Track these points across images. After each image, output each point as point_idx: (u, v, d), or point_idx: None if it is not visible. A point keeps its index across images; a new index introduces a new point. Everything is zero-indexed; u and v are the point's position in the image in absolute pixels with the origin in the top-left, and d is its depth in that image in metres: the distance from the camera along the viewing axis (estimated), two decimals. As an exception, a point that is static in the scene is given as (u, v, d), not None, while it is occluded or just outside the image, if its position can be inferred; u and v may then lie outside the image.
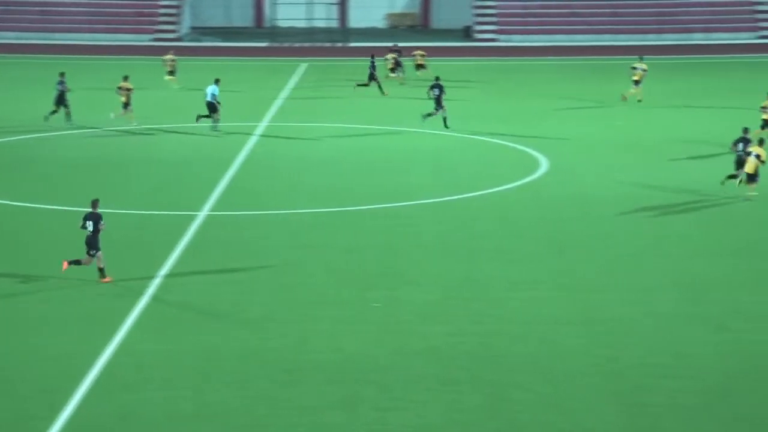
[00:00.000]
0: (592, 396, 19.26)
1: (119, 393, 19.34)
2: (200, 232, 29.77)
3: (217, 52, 71.11)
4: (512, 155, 40.11)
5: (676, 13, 78.19)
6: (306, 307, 23.74)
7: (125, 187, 35.40)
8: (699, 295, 24.47)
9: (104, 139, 43.41)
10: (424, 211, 32.05)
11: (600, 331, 22.37)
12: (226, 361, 20.78)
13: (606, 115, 48.22)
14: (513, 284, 25.30)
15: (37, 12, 79.16)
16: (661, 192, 34.00)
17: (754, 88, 54.82)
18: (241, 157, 39.66)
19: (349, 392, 19.36)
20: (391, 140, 43.12)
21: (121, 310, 23.44)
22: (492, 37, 77.94)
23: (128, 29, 78.40)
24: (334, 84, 58.82)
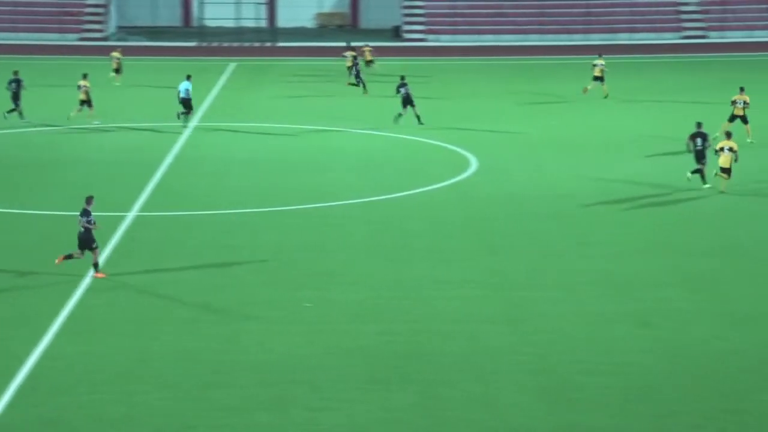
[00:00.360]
0: (520, 393, 19.41)
1: (46, 397, 19.13)
2: (129, 232, 29.53)
3: (144, 52, 70.49)
4: (442, 155, 40.27)
5: (602, 13, 79.01)
6: (235, 308, 23.66)
7: (53, 187, 35.00)
8: (625, 294, 24.75)
9: (31, 139, 42.89)
10: (353, 211, 32.07)
11: (528, 329, 22.56)
12: (154, 363, 20.65)
13: (536, 115, 48.55)
14: (442, 283, 25.42)
15: (-41, 11, 77.89)
16: (589, 191, 34.31)
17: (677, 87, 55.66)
18: (169, 157, 39.40)
19: (279, 392, 19.34)
20: (319, 140, 43.09)
21: (47, 312, 23.19)
22: (421, 37, 78.19)
23: (54, 29, 77.50)
24: (263, 84, 58.65)
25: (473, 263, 26.95)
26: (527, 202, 33.13)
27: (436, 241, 28.97)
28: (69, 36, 77.32)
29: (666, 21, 78.56)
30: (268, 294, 24.60)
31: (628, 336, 22.16)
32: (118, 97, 51.66)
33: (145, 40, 77.34)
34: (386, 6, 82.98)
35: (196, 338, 21.91)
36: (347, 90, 55.71)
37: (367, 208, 32.44)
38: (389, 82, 57.81)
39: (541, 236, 29.41)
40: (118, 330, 22.37)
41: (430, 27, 78.89)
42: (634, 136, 43.67)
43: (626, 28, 77.85)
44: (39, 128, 44.88)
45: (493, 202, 33.01)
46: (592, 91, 51.85)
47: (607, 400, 19.13)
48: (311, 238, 29.14)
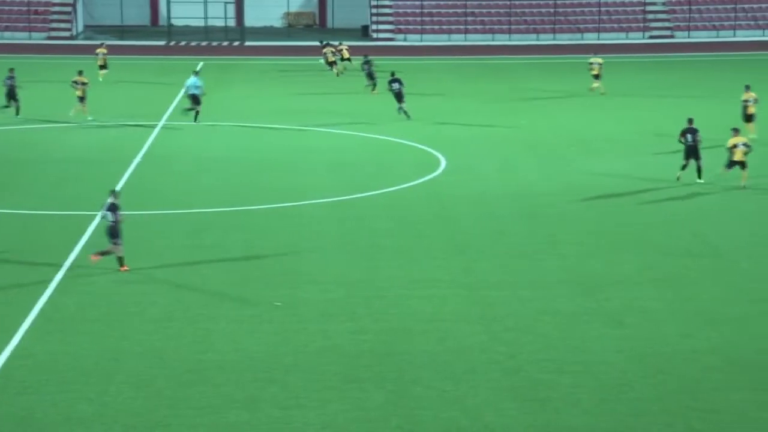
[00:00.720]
0: (491, 392, 19.44)
1: (16, 396, 19.00)
2: (99, 231, 29.34)
3: (112, 51, 70.04)
4: (411, 154, 40.28)
5: (570, 13, 79.30)
6: (206, 307, 23.57)
7: (22, 186, 34.76)
8: (595, 293, 24.82)
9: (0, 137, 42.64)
10: (323, 210, 32.02)
11: (499, 328, 22.59)
12: (126, 362, 20.54)
13: (505, 114, 48.64)
14: (414, 283, 25.41)
15: (-76, 9, 77.29)
16: (559, 190, 34.43)
17: (645, 86, 55.93)
18: (138, 156, 39.21)
19: (251, 391, 19.28)
20: (289, 139, 43.02)
21: (18, 310, 23.03)
22: (389, 36, 78.22)
23: (21, 27, 77.03)
24: (232, 83, 58.49)
25: (444, 262, 26.97)
26: (497, 201, 33.20)
27: (406, 240, 28.97)
28: (36, 35, 76.91)
29: (633, 21, 78.97)
30: (239, 293, 24.51)
31: (599, 335, 22.22)
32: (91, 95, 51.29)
33: (113, 40, 76.94)
34: (354, 5, 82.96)
35: (168, 337, 21.82)
36: (317, 89, 55.68)
37: (338, 207, 32.40)
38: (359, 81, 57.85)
39: (511, 235, 29.45)
40: (88, 329, 22.24)
41: (398, 26, 78.94)
42: (604, 134, 43.89)
43: (594, 28, 78.20)
44: (10, 126, 44.59)
45: (462, 201, 33.04)
46: (597, 88, 52.52)
47: (579, 399, 19.18)
48: (282, 237, 29.06)
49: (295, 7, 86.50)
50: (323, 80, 59.34)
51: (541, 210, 32.08)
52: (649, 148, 41.09)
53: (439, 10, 79.62)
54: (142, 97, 52.38)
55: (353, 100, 52.57)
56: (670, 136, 42.25)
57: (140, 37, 78.59)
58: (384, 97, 52.44)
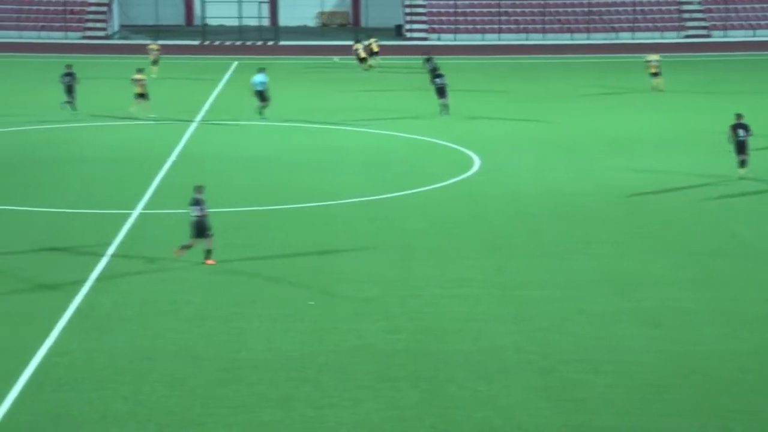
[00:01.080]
0: (525, 392, 19.36)
1: (52, 393, 19.10)
2: (133, 230, 29.50)
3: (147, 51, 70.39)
4: (444, 154, 40.24)
5: (604, 12, 78.97)
6: (240, 306, 23.62)
7: (58, 184, 34.97)
8: (630, 293, 24.69)
9: (37, 136, 42.88)
10: (356, 210, 32.03)
11: (532, 327, 22.51)
12: (160, 361, 20.60)
13: (538, 114, 48.51)
14: (447, 282, 25.36)
15: (-37, 9, 77.95)
16: (593, 190, 34.31)
17: (680, 86, 55.59)
18: (173, 155, 39.38)
19: (285, 390, 19.29)
20: (321, 138, 43.08)
21: (54, 308, 23.17)
22: (423, 35, 78.17)
23: (57, 27, 77.53)
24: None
25: (477, 262, 26.90)
26: (531, 200, 33.10)
27: (440, 239, 28.93)
28: (72, 35, 77.38)
29: (668, 20, 78.54)
30: (273, 292, 24.55)
31: (634, 335, 22.10)
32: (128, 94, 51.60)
33: (148, 39, 77.29)
34: (388, 5, 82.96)
35: (202, 336, 21.87)
36: (350, 88, 55.73)
37: (372, 207, 32.40)
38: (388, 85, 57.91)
39: (545, 235, 29.36)
40: (124, 327, 22.34)
41: (432, 26, 78.87)
42: (638, 133, 43.69)
43: (628, 27, 77.85)
44: (41, 126, 44.87)
45: (496, 201, 32.97)
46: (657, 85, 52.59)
47: (613, 399, 19.08)
48: (316, 236, 29.08)
49: (329, 6, 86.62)
50: (356, 79, 59.40)
51: (574, 209, 31.96)
52: (684, 147, 40.87)
53: (473, 9, 79.49)
54: (177, 96, 52.60)
55: (387, 99, 52.57)
56: (705, 134, 42.08)
57: (175, 37, 78.90)
58: (419, 94, 52.45)
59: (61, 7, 78.58)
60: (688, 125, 45.47)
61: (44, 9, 78.77)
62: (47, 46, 72.73)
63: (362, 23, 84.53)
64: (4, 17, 77.81)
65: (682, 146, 41.14)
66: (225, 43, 77.00)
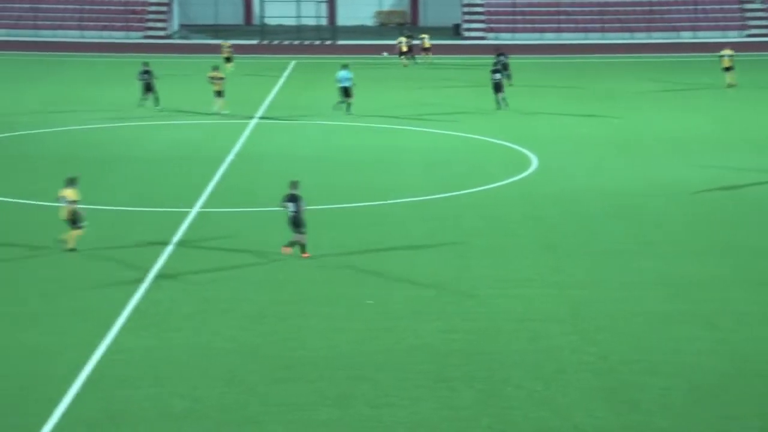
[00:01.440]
0: (582, 393, 19.28)
1: (111, 390, 19.29)
2: (192, 228, 29.75)
3: (206, 50, 70.96)
4: (502, 153, 40.15)
5: (665, 12, 78.33)
6: (298, 304, 23.73)
7: (117, 183, 35.32)
8: (688, 294, 24.50)
9: (95, 135, 43.35)
10: (413, 209, 32.06)
11: (590, 328, 22.40)
12: (218, 358, 20.75)
13: (597, 113, 48.24)
14: (503, 282, 25.31)
15: (27, 9, 79.01)
16: (651, 190, 34.07)
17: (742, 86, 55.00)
18: (231, 154, 39.64)
19: (342, 389, 19.36)
20: (380, 138, 43.15)
21: (113, 306, 23.41)
22: (481, 35, 77.99)
23: (119, 27, 78.31)
24: (323, 81, 58.78)
25: (534, 262, 26.82)
26: (588, 200, 32.94)
27: (497, 239, 28.87)
28: (133, 34, 78.12)
29: (730, 19, 77.76)
30: (330, 291, 24.64)
31: (691, 336, 21.93)
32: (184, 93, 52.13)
33: (208, 38, 77.87)
34: (446, 4, 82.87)
35: (260, 334, 22.00)
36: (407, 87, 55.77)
37: (429, 206, 32.41)
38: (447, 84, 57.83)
39: (602, 235, 29.21)
40: (182, 325, 22.52)
41: (490, 25, 78.67)
42: (698, 133, 43.34)
43: (690, 26, 77.17)
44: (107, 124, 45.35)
45: (553, 201, 32.84)
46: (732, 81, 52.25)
47: (671, 401, 18.94)
48: (373, 235, 29.14)
49: (387, 5, 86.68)
50: (414, 77, 59.40)
51: (632, 209, 31.76)
52: (745, 147, 40.49)
53: (532, 8, 79.18)
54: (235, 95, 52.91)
55: (445, 97, 52.52)
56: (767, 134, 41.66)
57: (234, 36, 79.29)
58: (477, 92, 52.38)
59: (122, 7, 79.35)
60: (749, 125, 45.00)
61: (106, 9, 79.59)
62: (109, 46, 73.48)
63: (420, 22, 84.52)
64: (66, 17, 78.75)
65: (743, 146, 40.73)
66: (283, 43, 77.33)
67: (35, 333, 21.96)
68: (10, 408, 18.52)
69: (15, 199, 32.93)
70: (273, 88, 56.35)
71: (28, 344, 21.36)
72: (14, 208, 32.08)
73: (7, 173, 36.67)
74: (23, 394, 19.04)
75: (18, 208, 32.07)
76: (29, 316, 22.90)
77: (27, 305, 23.61)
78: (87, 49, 71.73)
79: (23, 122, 45.73)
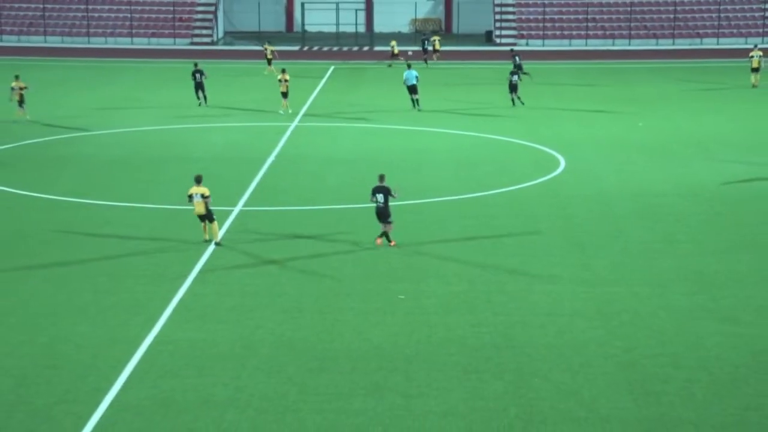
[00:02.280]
0: (607, 385, 19.19)
1: (158, 379, 19.40)
2: (235, 226, 29.84)
3: (249, 56, 71.23)
4: (531, 154, 40.02)
5: (689, 19, 77.85)
6: (334, 299, 23.76)
7: (163, 182, 35.49)
8: (711, 290, 24.34)
9: (141, 137, 43.59)
10: (445, 208, 32.01)
11: (615, 323, 22.30)
12: (259, 349, 20.81)
13: (623, 116, 48.02)
14: (532, 278, 25.23)
15: (80, 18, 79.57)
16: (676, 190, 33.88)
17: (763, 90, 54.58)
18: (272, 155, 39.74)
19: (375, 379, 19.36)
20: (413, 139, 43.11)
21: (160, 299, 23.54)
22: (512, 41, 77.80)
23: (167, 34, 78.72)
24: (361, 86, 58.83)
25: (562, 259, 26.72)
26: (614, 200, 32.78)
27: (526, 237, 28.78)
28: (180, 41, 78.50)
29: (752, 26, 77.16)
30: (365, 286, 24.65)
31: (714, 331, 21.78)
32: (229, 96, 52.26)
33: (251, 45, 78.12)
34: (479, 12, 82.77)
35: (298, 327, 22.04)
36: (440, 91, 55.70)
37: (460, 205, 32.35)
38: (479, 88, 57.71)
39: (628, 234, 29.05)
40: (224, 317, 22.60)
41: (521, 32, 78.46)
42: (721, 136, 43.02)
43: (713, 33, 76.66)
44: (158, 126, 45.60)
45: (581, 201, 32.70)
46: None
47: (693, 393, 18.83)
48: (406, 233, 29.11)
49: (422, 13, 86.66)
50: (446, 82, 59.33)
51: (658, 209, 31.58)
52: (765, 148, 40.13)
53: (561, 16, 78.92)
54: (277, 98, 53.05)
55: (476, 101, 52.43)
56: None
57: (276, 42, 79.59)
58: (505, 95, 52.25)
59: (170, 15, 79.74)
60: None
61: (155, 17, 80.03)
62: (157, 52, 73.86)
63: (454, 29, 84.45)
64: (117, 24, 79.24)
65: (765, 147, 40.39)
66: (322, 49, 77.45)
67: (86, 326, 22.10)
68: (63, 396, 18.66)
69: (69, 197, 33.15)
70: (313, 92, 56.44)
71: (80, 336, 21.50)
72: (69, 206, 32.28)
73: (62, 173, 36.92)
74: (75, 383, 19.17)
75: (73, 206, 32.27)
76: (81, 310, 23.05)
77: (80, 298, 23.76)
78: (136, 56, 72.12)
79: (81, 124, 46.00)
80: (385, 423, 17.71)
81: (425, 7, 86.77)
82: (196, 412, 18.12)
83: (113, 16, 79.98)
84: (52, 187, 34.51)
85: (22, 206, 32.03)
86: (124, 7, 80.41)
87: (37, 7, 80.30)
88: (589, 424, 17.68)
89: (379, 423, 17.71)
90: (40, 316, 22.54)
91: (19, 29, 79.32)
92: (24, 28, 79.39)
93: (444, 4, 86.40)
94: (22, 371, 19.64)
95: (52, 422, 17.68)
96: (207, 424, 17.64)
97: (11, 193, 33.66)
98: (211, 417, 17.91)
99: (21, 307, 23.15)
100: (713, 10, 77.97)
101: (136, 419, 17.81)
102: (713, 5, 78.65)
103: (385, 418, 17.94)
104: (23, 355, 20.43)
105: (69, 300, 23.65)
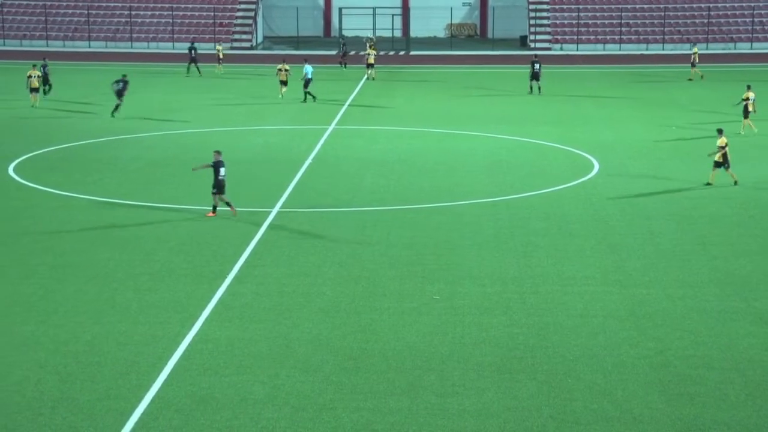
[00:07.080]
0: (640, 385, 19.04)
1: (197, 377, 19.44)
2: (273, 227, 29.90)
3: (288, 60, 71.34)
4: (565, 157, 39.85)
5: (723, 23, 77.29)
6: (370, 299, 23.73)
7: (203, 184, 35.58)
8: (743, 292, 24.11)
9: (194, 139, 43.77)
10: (480, 210, 31.92)
11: (648, 324, 22.13)
12: (296, 349, 20.82)
13: (656, 120, 47.73)
14: (566, 279, 25.10)
15: (124, 23, 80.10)
16: (709, 193, 33.61)
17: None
18: (309, 157, 39.78)
19: (410, 379, 19.32)
20: (447, 142, 43.05)
21: (200, 298, 23.60)
22: (546, 45, 77.55)
23: (208, 39, 79.05)
24: (397, 89, 58.80)
25: (596, 261, 26.56)
26: (648, 203, 32.57)
27: (560, 239, 28.65)
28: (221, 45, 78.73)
29: (785, 30, 76.49)
30: (401, 286, 24.60)
31: (747, 333, 21.57)
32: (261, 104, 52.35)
33: (290, 49, 78.29)
34: (514, 17, 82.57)
35: (334, 326, 22.04)
36: (475, 94, 55.58)
37: (494, 207, 32.25)
38: (513, 92, 57.55)
39: (662, 236, 28.85)
40: (262, 317, 22.63)
41: (555, 36, 78.18)
42: (754, 141, 42.64)
43: (746, 37, 76.05)
44: (199, 129, 45.76)
45: (615, 203, 32.52)
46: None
47: (726, 394, 18.65)
48: (441, 234, 29.07)
49: (458, 18, 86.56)
50: (481, 86, 59.20)
51: (691, 212, 31.34)
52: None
53: (595, 21, 78.57)
54: (314, 102, 53.20)
55: (510, 104, 52.28)
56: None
57: (314, 47, 79.76)
58: (538, 99, 52.06)
59: (211, 21, 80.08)
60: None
61: (195, 23, 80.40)
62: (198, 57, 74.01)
63: (489, 34, 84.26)
64: (160, 29, 79.69)
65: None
66: (360, 53, 77.52)
67: (128, 324, 22.19)
68: (105, 392, 18.74)
69: (112, 198, 33.33)
70: (350, 95, 56.47)
71: (122, 334, 21.59)
72: (111, 207, 32.45)
73: (105, 174, 37.13)
74: (117, 380, 19.25)
75: (115, 207, 32.44)
76: (123, 308, 23.15)
77: (122, 297, 23.87)
78: (178, 60, 72.44)
79: (124, 127, 46.25)
80: (419, 422, 17.66)
81: (461, 12, 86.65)
82: (234, 410, 18.14)
83: (156, 21, 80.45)
84: (96, 188, 34.72)
85: (66, 207, 32.24)
86: (166, 13, 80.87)
87: (82, 13, 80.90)
88: (622, 424, 17.55)
89: (413, 421, 17.67)
90: (84, 315, 22.66)
91: (64, 35, 79.96)
92: (69, 34, 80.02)
93: (479, 9, 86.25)
94: (66, 368, 19.75)
95: (95, 419, 17.75)
96: (245, 422, 17.66)
97: (57, 195, 33.89)
98: (249, 414, 17.93)
99: (65, 305, 23.29)
100: (747, 15, 77.34)
101: (176, 416, 17.86)
102: (747, 10, 78.02)
103: (419, 416, 17.89)
104: (67, 352, 20.54)
105: (111, 298, 23.76)
